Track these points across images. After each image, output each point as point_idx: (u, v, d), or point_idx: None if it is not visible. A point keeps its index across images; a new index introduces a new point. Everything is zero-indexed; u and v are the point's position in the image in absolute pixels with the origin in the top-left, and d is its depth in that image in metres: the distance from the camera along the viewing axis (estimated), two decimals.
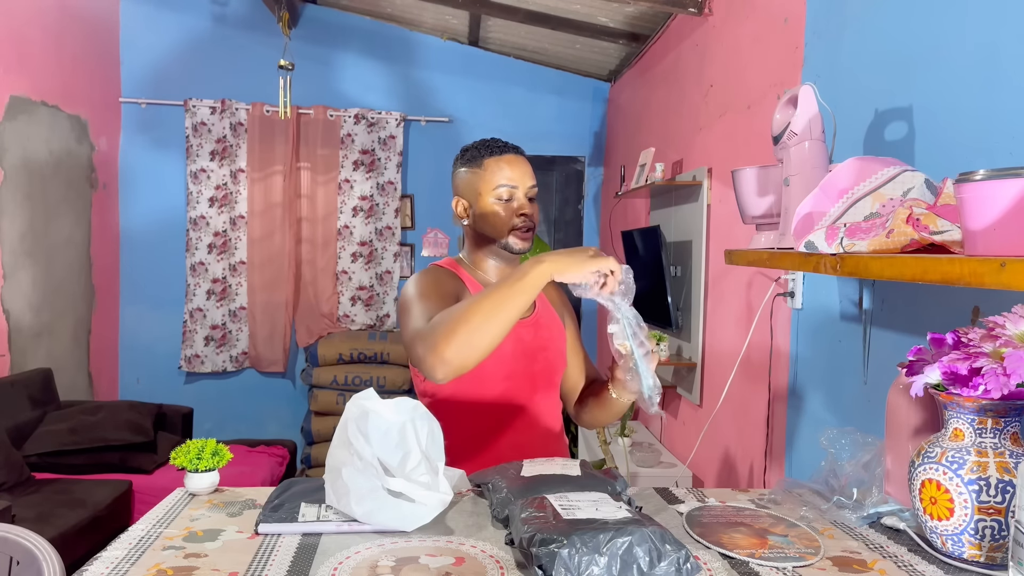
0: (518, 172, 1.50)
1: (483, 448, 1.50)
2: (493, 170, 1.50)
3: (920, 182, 1.32)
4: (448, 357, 1.16)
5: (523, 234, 1.50)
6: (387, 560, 1.03)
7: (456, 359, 1.16)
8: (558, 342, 1.58)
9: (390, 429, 1.16)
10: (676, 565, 0.93)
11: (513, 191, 1.49)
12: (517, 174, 1.50)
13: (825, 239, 1.33)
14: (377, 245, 5.01)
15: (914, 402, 1.22)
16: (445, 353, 1.16)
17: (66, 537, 2.80)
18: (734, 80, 2.78)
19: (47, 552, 1.34)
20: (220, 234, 4.86)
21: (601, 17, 3.87)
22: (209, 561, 1.03)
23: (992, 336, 0.99)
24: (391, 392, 4.50)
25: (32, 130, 3.82)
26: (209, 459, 1.30)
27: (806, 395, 2.13)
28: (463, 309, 1.18)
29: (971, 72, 1.43)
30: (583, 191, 5.20)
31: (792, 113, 1.58)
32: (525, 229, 1.50)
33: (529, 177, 1.51)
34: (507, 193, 1.49)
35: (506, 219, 1.49)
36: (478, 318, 1.16)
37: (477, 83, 5.08)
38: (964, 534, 1.02)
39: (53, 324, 4.05)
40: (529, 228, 1.50)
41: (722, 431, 2.77)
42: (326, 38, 4.93)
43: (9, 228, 3.64)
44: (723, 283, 2.85)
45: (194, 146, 4.79)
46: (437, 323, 1.20)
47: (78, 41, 4.31)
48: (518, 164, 1.51)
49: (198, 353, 4.87)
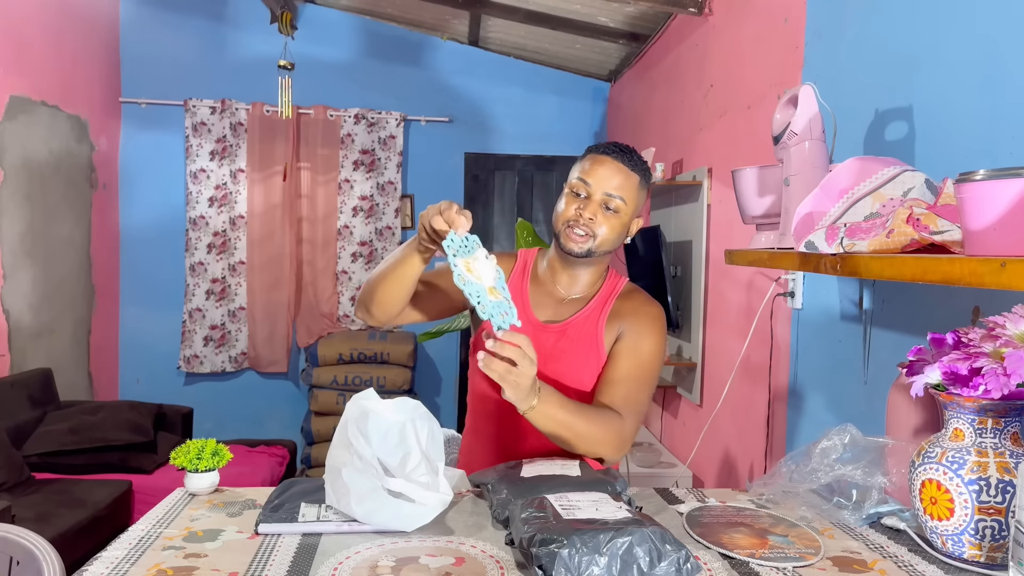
0: (601, 174, 1.40)
1: (491, 445, 1.53)
2: (582, 164, 1.43)
3: (920, 182, 1.32)
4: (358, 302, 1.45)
5: (575, 235, 1.40)
6: (387, 560, 1.03)
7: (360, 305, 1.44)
8: (581, 357, 1.45)
9: (390, 429, 1.16)
10: (676, 565, 0.93)
11: (587, 189, 1.40)
12: (599, 175, 1.40)
13: (825, 239, 1.33)
14: (377, 245, 5.01)
15: (914, 402, 1.22)
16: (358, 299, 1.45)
17: (66, 537, 2.79)
18: (734, 80, 2.78)
19: (47, 552, 1.33)
20: (220, 234, 4.85)
21: (601, 17, 3.86)
22: (209, 561, 1.03)
23: (992, 336, 0.99)
24: (391, 392, 4.50)
25: (32, 130, 3.82)
26: (209, 459, 1.30)
27: (806, 395, 2.13)
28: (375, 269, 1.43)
29: (972, 72, 1.43)
30: None
31: (792, 113, 1.58)
32: (581, 232, 1.39)
33: (611, 184, 1.39)
34: (580, 188, 1.41)
35: (565, 213, 1.41)
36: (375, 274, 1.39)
37: (477, 83, 5.07)
38: (964, 534, 1.02)
39: (53, 324, 4.05)
40: (586, 234, 1.39)
41: (722, 431, 2.77)
42: (326, 38, 4.93)
43: (9, 228, 3.64)
44: (723, 283, 2.85)
45: (194, 146, 4.79)
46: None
47: (78, 41, 4.31)
48: (605, 166, 1.40)
49: (197, 353, 4.87)
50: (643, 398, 1.42)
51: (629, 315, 1.46)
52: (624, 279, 1.54)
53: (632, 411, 1.39)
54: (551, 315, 1.49)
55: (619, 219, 1.41)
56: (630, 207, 1.42)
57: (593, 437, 1.31)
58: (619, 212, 1.40)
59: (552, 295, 1.51)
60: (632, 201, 1.42)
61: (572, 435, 1.30)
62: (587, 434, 1.30)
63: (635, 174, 1.42)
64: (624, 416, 1.36)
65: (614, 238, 1.42)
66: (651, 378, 1.44)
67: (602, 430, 1.32)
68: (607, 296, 1.49)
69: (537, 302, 1.50)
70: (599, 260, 1.47)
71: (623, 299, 1.49)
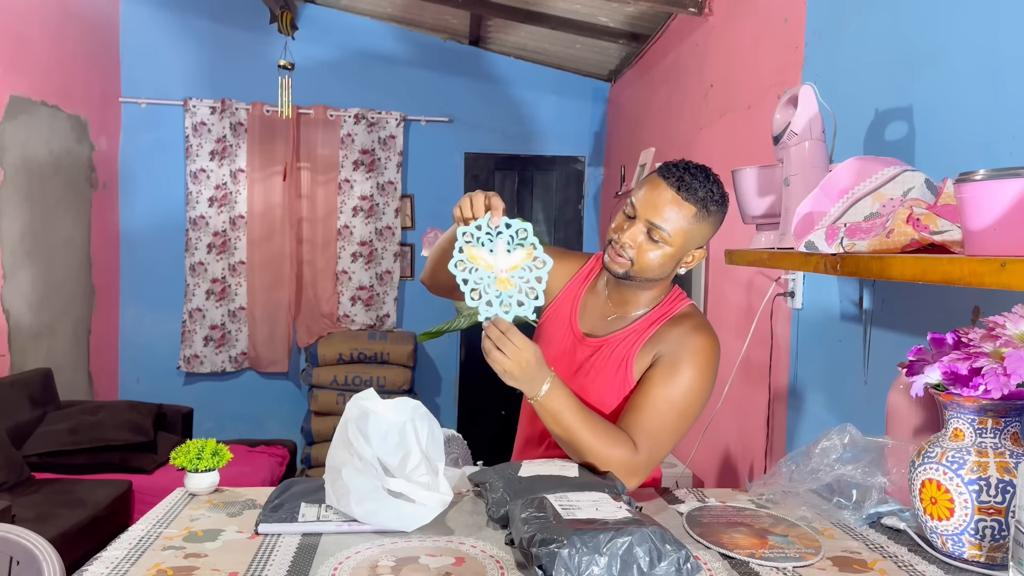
0: (650, 198, 1.31)
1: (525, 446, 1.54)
2: (643, 185, 1.35)
3: (920, 182, 1.32)
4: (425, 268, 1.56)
5: (614, 253, 1.35)
6: (387, 560, 1.03)
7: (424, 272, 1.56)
8: (608, 377, 1.39)
9: (390, 429, 1.16)
10: (676, 565, 0.93)
11: (635, 211, 1.33)
12: (646, 200, 1.32)
13: (825, 239, 1.33)
14: (377, 245, 5.01)
15: (914, 402, 1.22)
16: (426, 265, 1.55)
17: (66, 537, 2.79)
18: (734, 80, 2.78)
19: (47, 552, 1.33)
20: (220, 234, 4.85)
21: (601, 17, 3.86)
22: (209, 561, 1.03)
23: (992, 336, 0.99)
24: (391, 392, 4.50)
25: (32, 130, 3.82)
26: (209, 459, 1.30)
27: (806, 395, 2.13)
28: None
29: (971, 72, 1.43)
30: (583, 191, 5.20)
31: (792, 113, 1.58)
32: (618, 252, 1.34)
33: (657, 213, 1.30)
34: (631, 210, 1.34)
35: (611, 231, 1.37)
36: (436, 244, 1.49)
37: (477, 83, 5.07)
38: (964, 534, 1.02)
39: (53, 324, 4.05)
40: (623, 255, 1.33)
41: (722, 431, 2.77)
42: (326, 38, 4.93)
43: (9, 228, 3.64)
44: (723, 283, 2.85)
45: (194, 146, 4.79)
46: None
47: (78, 41, 4.31)
48: (656, 192, 1.31)
49: (197, 353, 4.87)
50: (667, 434, 1.30)
51: (671, 341, 1.35)
52: (686, 302, 1.43)
53: (649, 443, 1.28)
54: (593, 328, 1.45)
55: (663, 250, 1.32)
56: (677, 239, 1.31)
57: (595, 453, 1.26)
58: (663, 243, 1.31)
59: (601, 309, 1.46)
60: (680, 232, 1.31)
61: (572, 442, 1.27)
62: (588, 448, 1.26)
63: (690, 204, 1.30)
64: (638, 446, 1.27)
65: (656, 267, 1.33)
66: (682, 414, 1.31)
67: (605, 449, 1.25)
68: (655, 319, 1.40)
69: (586, 312, 1.47)
70: (648, 285, 1.39)
71: (672, 323, 1.38)
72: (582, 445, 1.27)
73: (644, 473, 1.30)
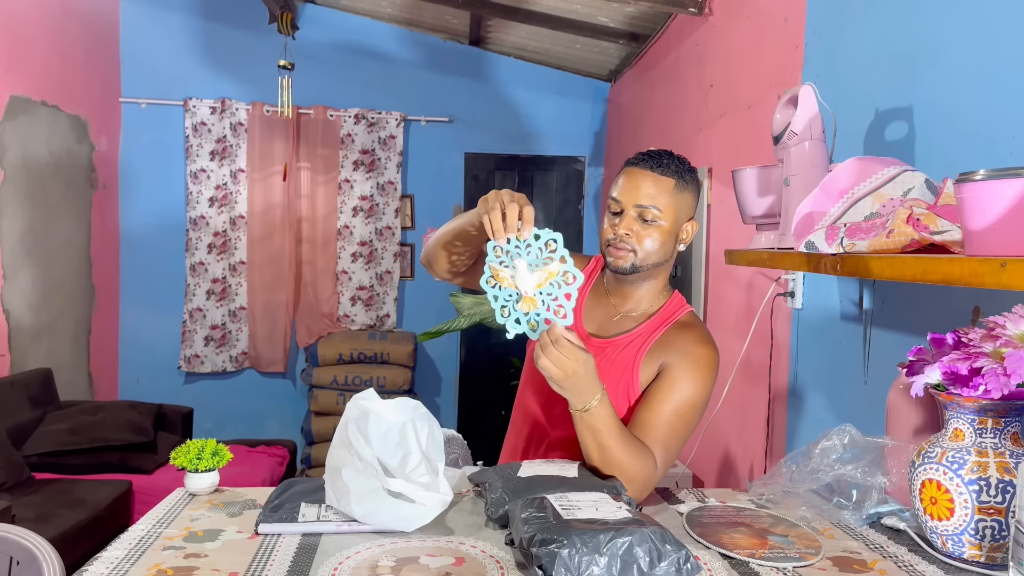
0: (629, 186, 1.36)
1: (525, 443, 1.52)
2: (617, 181, 1.39)
3: (920, 182, 1.32)
4: (425, 249, 1.53)
5: (617, 252, 1.37)
6: (387, 560, 1.03)
7: (425, 253, 1.53)
8: (613, 380, 1.39)
9: (390, 429, 1.16)
10: (676, 565, 0.93)
11: (620, 205, 1.37)
12: (627, 188, 1.36)
13: (825, 239, 1.33)
14: (377, 245, 5.01)
15: (914, 402, 1.22)
16: (427, 246, 1.52)
17: (66, 537, 2.79)
18: (734, 80, 2.78)
19: (47, 552, 1.34)
20: (220, 234, 4.85)
21: (601, 17, 3.86)
22: (209, 561, 1.03)
23: (992, 336, 0.99)
24: (391, 392, 4.50)
25: (32, 130, 3.82)
26: (209, 459, 1.30)
27: (806, 395, 2.13)
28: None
29: (971, 71, 1.43)
30: (583, 191, 5.20)
31: (792, 113, 1.58)
32: (621, 249, 1.36)
33: (641, 195, 1.34)
34: (613, 206, 1.37)
35: (604, 234, 1.39)
36: (443, 228, 1.47)
37: (477, 83, 5.07)
38: (964, 534, 1.02)
39: (53, 324, 4.05)
40: (628, 249, 1.36)
41: (722, 431, 2.77)
42: (326, 38, 4.93)
43: (9, 228, 3.64)
44: (723, 283, 2.85)
45: (194, 146, 4.79)
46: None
47: (78, 41, 4.31)
48: (633, 178, 1.36)
49: (198, 353, 4.87)
50: (677, 444, 1.35)
51: (676, 353, 1.37)
52: (686, 308, 1.45)
53: (664, 458, 1.31)
54: (599, 329, 1.44)
55: (659, 228, 1.35)
56: (668, 213, 1.35)
57: (623, 470, 1.25)
58: (656, 221, 1.34)
59: (606, 308, 1.46)
60: (669, 207, 1.35)
61: (603, 458, 1.25)
62: (619, 465, 1.25)
63: (667, 177, 1.35)
64: (658, 462, 1.30)
65: (659, 248, 1.36)
66: (688, 425, 1.35)
67: (635, 468, 1.26)
68: (661, 322, 1.41)
69: (590, 312, 1.47)
70: (652, 274, 1.41)
71: (676, 330, 1.40)
72: (612, 462, 1.25)
73: (657, 484, 1.34)
